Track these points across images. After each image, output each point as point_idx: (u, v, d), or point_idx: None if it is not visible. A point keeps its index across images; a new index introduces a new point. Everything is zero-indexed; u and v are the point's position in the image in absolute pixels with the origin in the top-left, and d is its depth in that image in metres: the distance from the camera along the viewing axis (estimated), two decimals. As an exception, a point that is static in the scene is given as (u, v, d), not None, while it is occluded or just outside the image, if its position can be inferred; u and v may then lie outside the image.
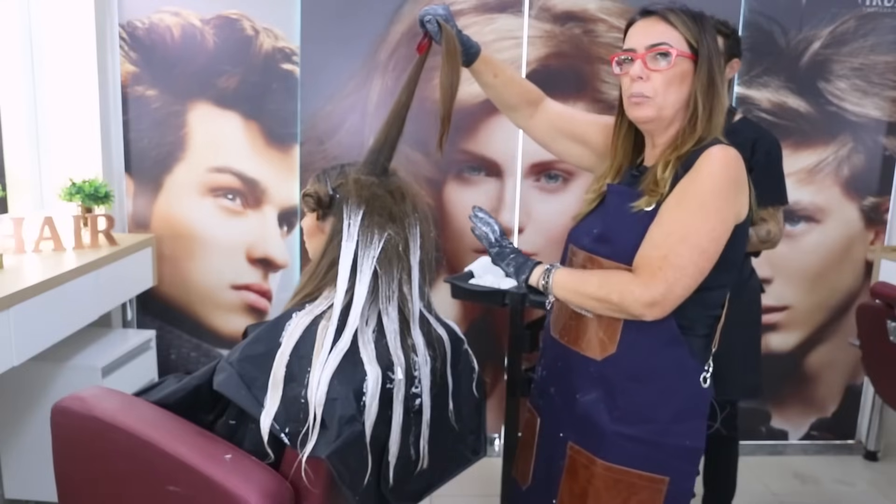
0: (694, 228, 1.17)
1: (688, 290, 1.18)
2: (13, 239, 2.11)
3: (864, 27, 2.61)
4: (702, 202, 1.17)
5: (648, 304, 1.17)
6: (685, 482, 1.28)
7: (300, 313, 1.18)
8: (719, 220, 1.18)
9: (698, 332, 1.26)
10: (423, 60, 1.37)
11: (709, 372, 1.27)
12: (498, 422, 2.63)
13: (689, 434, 1.26)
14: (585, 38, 2.56)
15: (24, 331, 1.77)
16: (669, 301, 1.18)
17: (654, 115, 1.24)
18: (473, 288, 2.13)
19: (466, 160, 2.63)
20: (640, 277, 1.18)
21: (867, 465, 2.85)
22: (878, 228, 2.76)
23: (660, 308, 1.18)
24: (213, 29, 2.52)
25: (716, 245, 1.18)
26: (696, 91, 1.22)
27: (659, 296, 1.16)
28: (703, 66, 1.21)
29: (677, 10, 1.23)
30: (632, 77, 1.23)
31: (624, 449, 1.26)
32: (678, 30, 1.21)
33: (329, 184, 1.28)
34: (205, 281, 2.67)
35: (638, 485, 1.26)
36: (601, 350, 1.27)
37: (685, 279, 1.17)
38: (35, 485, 2.18)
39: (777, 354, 2.82)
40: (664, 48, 1.21)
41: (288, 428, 1.10)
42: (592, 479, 1.28)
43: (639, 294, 1.17)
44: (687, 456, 1.27)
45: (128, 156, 2.59)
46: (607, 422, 1.26)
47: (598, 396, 1.28)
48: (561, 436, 1.35)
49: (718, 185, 1.17)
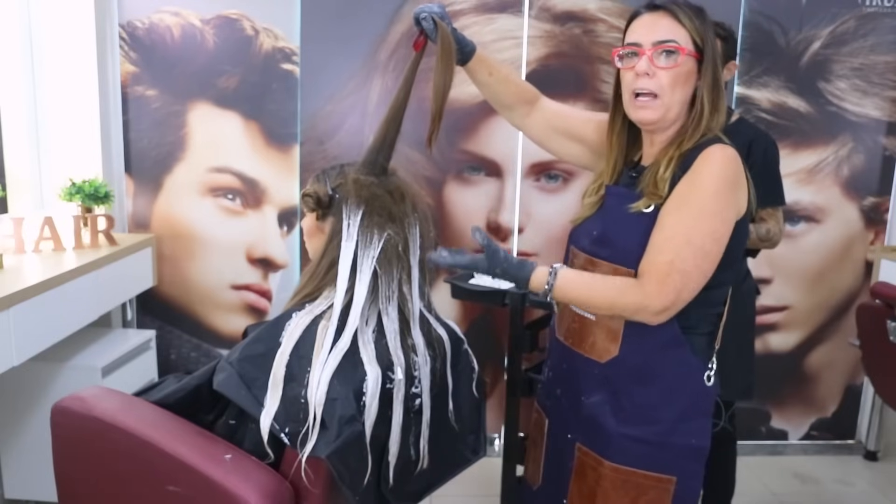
0: (697, 231, 1.16)
1: (693, 294, 1.18)
2: (13, 239, 2.11)
3: (864, 27, 2.61)
4: (702, 205, 1.16)
5: (659, 312, 1.17)
6: (692, 481, 1.28)
7: (300, 313, 1.18)
8: (720, 220, 1.17)
9: (700, 331, 1.26)
10: (419, 58, 1.36)
11: (713, 370, 1.27)
12: (498, 422, 2.63)
13: (695, 433, 1.26)
14: (585, 38, 2.56)
15: (24, 331, 1.77)
16: (677, 306, 1.18)
17: (660, 117, 1.22)
18: (473, 288, 2.13)
19: (466, 160, 2.63)
20: (649, 286, 1.17)
21: (867, 465, 2.85)
22: (878, 228, 2.76)
23: (668, 314, 1.18)
24: (213, 29, 2.52)
25: (718, 246, 1.18)
26: (702, 90, 1.21)
27: (669, 303, 1.16)
28: (708, 65, 1.20)
29: (683, 5, 1.21)
30: (637, 72, 1.20)
31: (630, 450, 1.26)
32: (685, 27, 1.19)
33: (328, 184, 1.28)
34: (205, 281, 2.67)
35: (645, 485, 1.26)
36: (604, 353, 1.27)
37: (691, 283, 1.16)
38: (35, 485, 2.18)
39: (777, 354, 2.82)
40: (672, 45, 1.18)
41: (288, 428, 1.10)
42: (601, 480, 1.28)
43: (649, 303, 1.16)
44: (693, 455, 1.27)
45: (128, 156, 2.59)
46: (613, 424, 1.26)
47: (603, 399, 1.28)
48: (569, 437, 1.35)
49: (718, 186, 1.17)
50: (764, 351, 2.81)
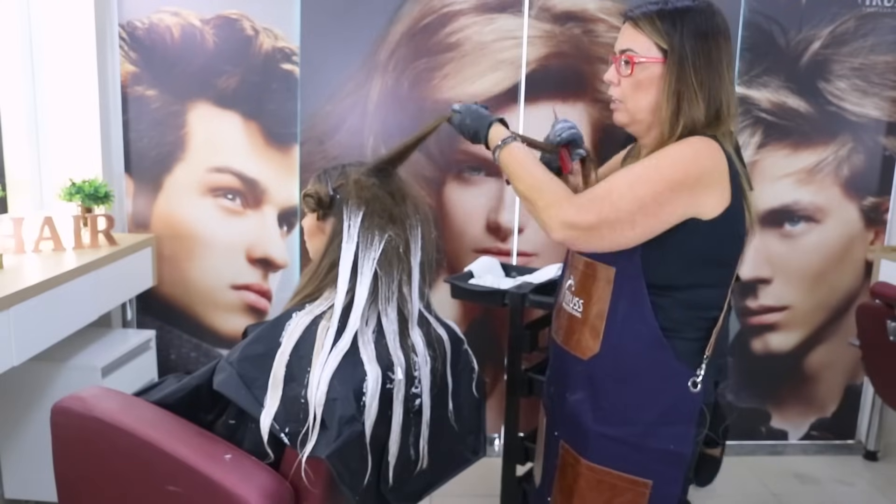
0: (643, 181, 1.14)
1: (614, 242, 1.15)
2: (13, 239, 2.11)
3: (864, 27, 2.61)
4: (659, 165, 1.15)
5: (567, 225, 1.14)
6: (670, 486, 1.25)
7: (300, 313, 1.18)
8: (669, 188, 1.13)
9: (687, 335, 1.23)
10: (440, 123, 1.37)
11: (699, 377, 1.22)
12: (498, 422, 2.63)
13: (674, 438, 1.24)
14: (585, 38, 2.56)
15: (24, 331, 1.77)
16: (589, 236, 1.14)
17: (628, 121, 1.27)
18: (473, 288, 2.13)
19: (466, 160, 2.63)
20: (579, 199, 1.16)
21: (867, 465, 2.85)
22: (878, 228, 2.76)
23: (573, 234, 1.14)
24: (212, 29, 2.52)
25: (657, 208, 1.13)
26: (665, 92, 1.19)
27: (584, 223, 1.13)
28: (672, 68, 1.18)
29: (652, 12, 1.20)
30: (605, 81, 1.28)
31: (606, 449, 1.26)
32: (645, 33, 1.20)
33: (329, 184, 1.28)
34: (205, 281, 2.67)
35: (620, 486, 1.25)
36: (587, 349, 1.27)
37: (616, 225, 1.13)
38: (35, 485, 2.18)
39: (777, 354, 2.82)
40: (628, 55, 1.22)
41: (288, 428, 1.10)
42: (578, 478, 1.29)
43: (566, 210, 1.14)
44: (671, 460, 1.24)
45: (128, 156, 2.59)
46: (590, 421, 1.27)
47: (584, 396, 1.28)
48: (556, 434, 1.37)
49: (682, 162, 1.14)
50: (764, 351, 2.81)
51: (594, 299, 1.26)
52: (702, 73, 1.18)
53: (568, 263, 1.37)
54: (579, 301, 1.29)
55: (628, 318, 1.22)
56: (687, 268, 1.20)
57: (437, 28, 2.54)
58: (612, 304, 1.23)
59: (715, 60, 1.19)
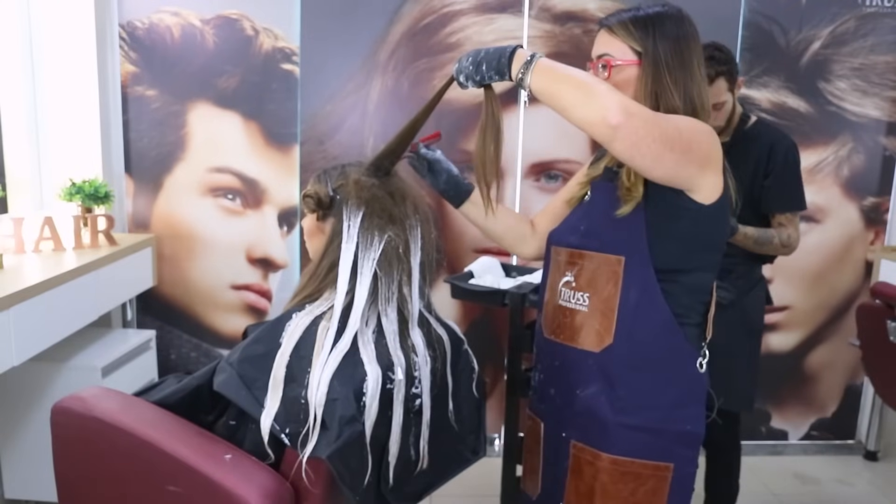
0: (683, 120, 1.17)
1: (655, 151, 1.11)
2: (13, 239, 2.11)
3: (864, 27, 2.61)
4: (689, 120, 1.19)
5: (627, 111, 1.09)
6: (687, 467, 1.29)
7: (300, 314, 1.18)
8: (693, 144, 1.16)
9: (692, 321, 1.29)
10: (446, 89, 1.31)
11: (705, 358, 1.29)
12: (498, 422, 2.63)
13: (690, 419, 1.28)
14: (585, 38, 2.56)
15: (24, 331, 1.77)
16: (644, 130, 1.10)
17: None
18: (473, 288, 2.13)
19: (466, 160, 2.62)
20: (627, 101, 1.12)
21: (867, 465, 2.85)
22: (878, 228, 2.76)
23: (631, 122, 1.09)
24: (212, 29, 2.52)
25: (686, 147, 1.14)
26: (642, 92, 1.23)
27: (642, 114, 1.11)
28: (647, 69, 1.23)
29: (626, 19, 1.25)
30: None
31: (628, 439, 1.27)
32: (620, 38, 1.25)
33: (329, 184, 1.28)
34: (205, 281, 2.67)
35: (644, 474, 1.27)
36: (599, 342, 1.28)
37: (662, 138, 1.11)
38: (35, 485, 2.18)
39: (777, 354, 2.82)
40: (605, 59, 1.26)
41: (288, 428, 1.10)
42: (598, 474, 1.28)
43: (626, 99, 1.11)
44: (688, 441, 1.28)
45: (128, 156, 2.59)
46: (609, 413, 1.27)
47: (599, 389, 1.28)
48: (563, 436, 1.35)
49: (704, 132, 1.19)
50: (764, 351, 2.80)
51: (601, 291, 1.27)
52: (676, 73, 1.23)
53: (560, 262, 1.37)
54: (584, 295, 1.29)
55: (640, 305, 1.24)
56: (689, 253, 1.25)
57: (438, 28, 2.54)
58: (622, 294, 1.25)
59: (687, 61, 1.24)
